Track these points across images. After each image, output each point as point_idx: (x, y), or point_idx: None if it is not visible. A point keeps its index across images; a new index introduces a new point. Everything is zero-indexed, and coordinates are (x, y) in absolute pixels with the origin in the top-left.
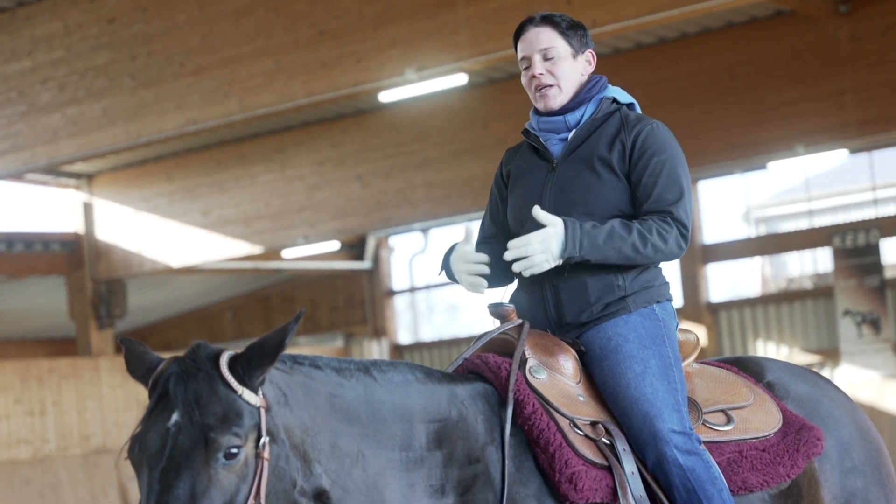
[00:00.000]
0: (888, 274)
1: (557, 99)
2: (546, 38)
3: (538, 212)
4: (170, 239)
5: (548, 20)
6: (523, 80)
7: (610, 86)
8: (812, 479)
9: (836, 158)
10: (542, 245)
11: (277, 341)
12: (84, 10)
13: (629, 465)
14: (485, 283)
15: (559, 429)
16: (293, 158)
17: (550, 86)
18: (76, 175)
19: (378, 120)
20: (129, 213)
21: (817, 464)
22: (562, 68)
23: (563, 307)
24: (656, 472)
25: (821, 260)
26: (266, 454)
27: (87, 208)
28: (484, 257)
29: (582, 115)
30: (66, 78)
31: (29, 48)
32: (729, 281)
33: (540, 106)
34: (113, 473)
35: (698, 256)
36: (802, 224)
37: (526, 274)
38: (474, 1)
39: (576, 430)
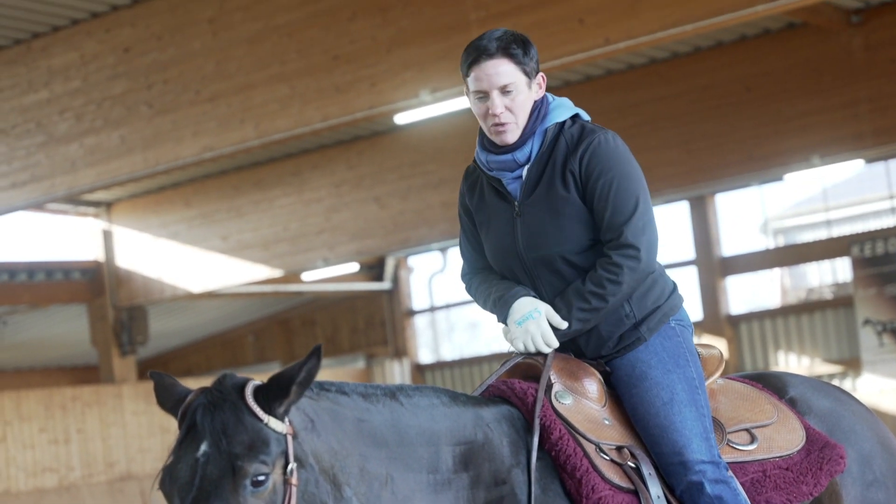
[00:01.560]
0: None
1: (514, 134)
2: (505, 72)
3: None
4: (190, 264)
5: (506, 52)
6: (476, 110)
7: (552, 101)
8: (834, 493)
9: (852, 168)
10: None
11: (293, 375)
12: (99, 40)
13: (655, 490)
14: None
15: (585, 454)
16: (310, 181)
17: (507, 123)
18: (95, 203)
19: (394, 141)
20: (149, 239)
21: (839, 479)
22: (518, 101)
23: (580, 347)
24: (684, 497)
25: (840, 270)
26: (294, 480)
27: (107, 236)
28: (555, 343)
29: (530, 151)
30: (83, 108)
31: (46, 79)
32: (749, 293)
33: (497, 141)
34: (138, 499)
35: (717, 269)
36: (821, 234)
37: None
38: (487, 22)
39: (602, 454)
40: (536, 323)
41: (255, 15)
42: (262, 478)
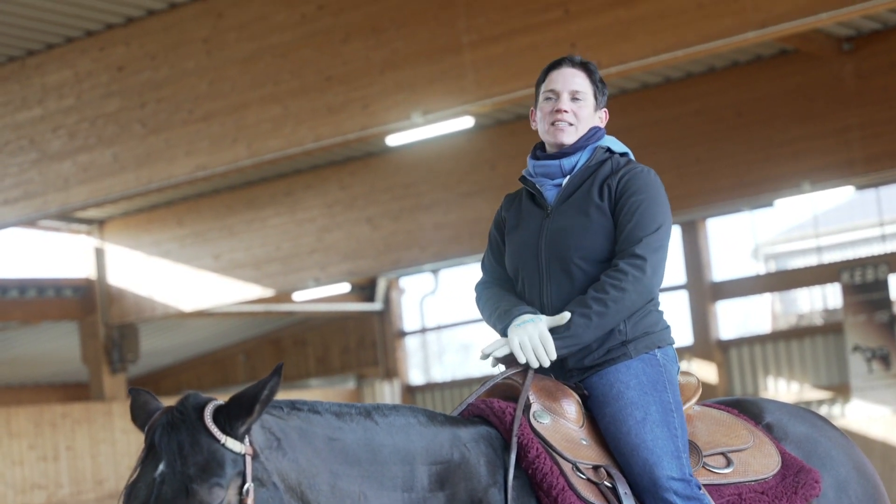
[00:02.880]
0: None
1: (571, 136)
2: (581, 81)
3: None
4: (181, 283)
5: (586, 67)
6: (541, 111)
7: (606, 136)
8: None
9: (843, 195)
10: (547, 349)
11: (255, 393)
12: (93, 59)
13: None
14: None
15: (562, 473)
16: (303, 201)
17: (570, 123)
18: (88, 221)
19: (387, 162)
20: (141, 258)
21: (815, 503)
22: (583, 113)
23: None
24: None
25: (830, 296)
26: (250, 501)
27: (99, 254)
28: (552, 348)
29: (577, 162)
30: (76, 125)
31: (40, 96)
32: (739, 318)
33: (550, 138)
34: None
35: (708, 294)
36: (811, 260)
37: (536, 364)
38: (480, 45)
39: (578, 473)
40: (535, 325)
41: (248, 35)
42: (214, 499)
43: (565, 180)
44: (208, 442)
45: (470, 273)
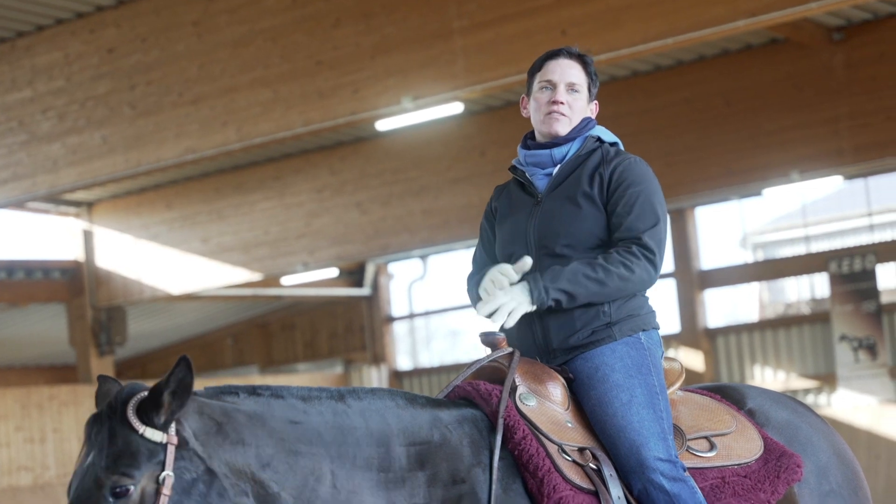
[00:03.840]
0: (884, 299)
1: (565, 127)
2: (577, 73)
3: (525, 263)
4: (170, 266)
5: (582, 59)
6: (536, 101)
7: (597, 126)
8: (791, 503)
9: (832, 184)
10: (509, 296)
11: (162, 385)
12: (84, 41)
13: (616, 491)
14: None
15: (548, 454)
16: (292, 186)
17: (564, 115)
18: (76, 203)
19: (376, 148)
20: (129, 240)
21: (796, 489)
22: (577, 105)
23: (550, 333)
24: (642, 498)
25: (818, 285)
26: (166, 489)
27: (88, 236)
28: (513, 275)
29: (567, 151)
30: (66, 107)
31: (29, 78)
32: (726, 306)
33: (544, 129)
34: None
35: (696, 282)
36: (799, 250)
37: (504, 323)
38: (470, 31)
39: (564, 455)
40: (498, 268)
41: (239, 19)
42: (122, 489)
43: (555, 169)
44: (126, 433)
45: (458, 259)
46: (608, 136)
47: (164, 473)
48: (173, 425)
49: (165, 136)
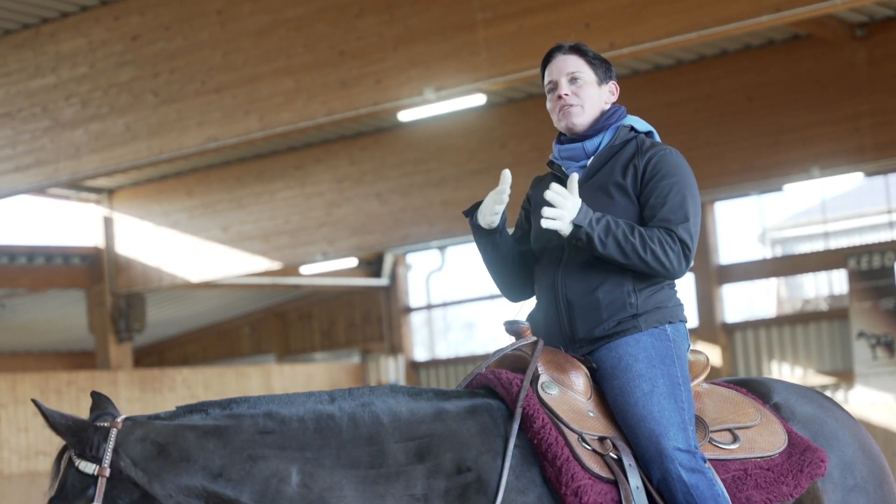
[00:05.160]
0: None
1: (580, 118)
2: (573, 63)
3: (572, 181)
4: (189, 254)
5: (575, 49)
6: (549, 105)
7: (629, 115)
8: (815, 498)
9: (851, 181)
10: (571, 203)
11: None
12: (108, 28)
13: (634, 480)
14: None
15: (567, 443)
16: (312, 175)
17: (573, 105)
18: (97, 190)
19: (397, 138)
20: (150, 227)
21: (820, 483)
22: (586, 91)
23: (576, 323)
24: (661, 488)
25: (836, 282)
26: None
27: (108, 223)
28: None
29: (600, 143)
30: (89, 94)
31: (53, 64)
32: (744, 302)
33: (562, 125)
34: None
35: (714, 277)
36: (818, 246)
37: (549, 225)
38: (493, 23)
39: (584, 444)
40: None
41: (263, 8)
42: None
43: (589, 161)
44: (68, 466)
45: (476, 251)
46: (642, 125)
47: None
48: (108, 456)
49: (188, 125)
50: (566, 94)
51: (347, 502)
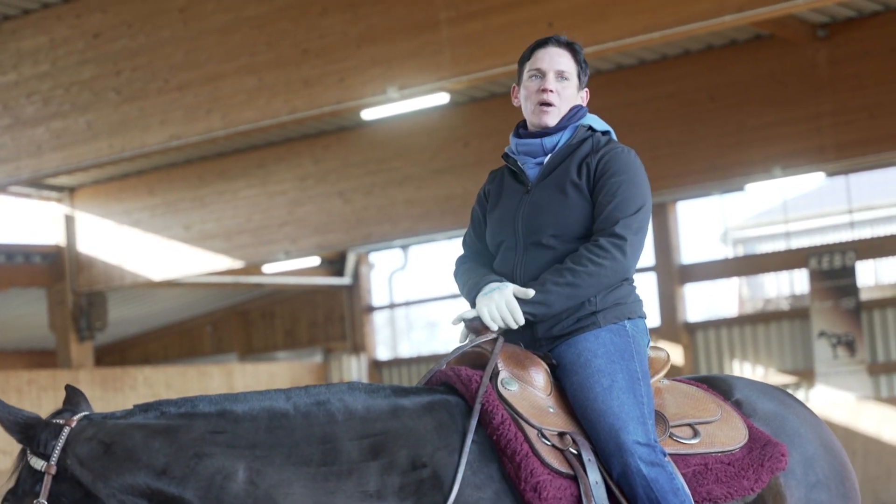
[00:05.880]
0: (863, 296)
1: (555, 118)
2: (567, 61)
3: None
4: (151, 252)
5: (571, 47)
6: (525, 89)
7: (589, 114)
8: (777, 493)
9: (813, 181)
10: (504, 309)
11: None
12: (69, 25)
13: (594, 475)
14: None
15: (526, 438)
16: (275, 174)
17: (553, 105)
18: (59, 188)
19: (360, 137)
20: (111, 226)
21: (783, 479)
22: (567, 93)
23: (535, 324)
24: (621, 482)
25: (797, 281)
26: None
27: (69, 221)
28: (519, 314)
29: (558, 141)
30: (50, 92)
31: (14, 62)
32: (706, 301)
33: (535, 120)
34: None
35: (676, 276)
36: (780, 245)
37: (503, 326)
38: (457, 22)
39: (543, 440)
40: (501, 293)
41: (226, 6)
42: None
43: (546, 158)
44: (22, 461)
45: (440, 250)
46: (600, 124)
47: (36, 501)
48: (56, 453)
49: (150, 123)
50: (551, 91)
51: (296, 499)
